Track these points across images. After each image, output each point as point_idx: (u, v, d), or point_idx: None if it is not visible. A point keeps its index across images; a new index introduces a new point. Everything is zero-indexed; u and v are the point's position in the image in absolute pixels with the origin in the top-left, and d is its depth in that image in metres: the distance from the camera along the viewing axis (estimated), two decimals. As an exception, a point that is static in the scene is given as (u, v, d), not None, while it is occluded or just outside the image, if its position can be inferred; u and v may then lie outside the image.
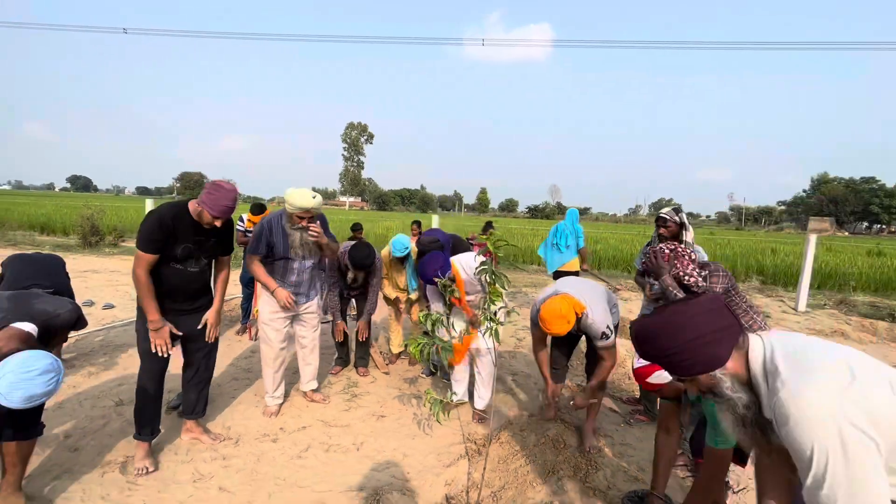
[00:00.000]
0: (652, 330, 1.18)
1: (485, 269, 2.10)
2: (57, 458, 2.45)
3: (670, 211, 2.99)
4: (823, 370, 0.96)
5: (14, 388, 1.59)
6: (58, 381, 1.71)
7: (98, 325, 4.92)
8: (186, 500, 2.18)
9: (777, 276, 10.73)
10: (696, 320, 1.11)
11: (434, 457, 2.67)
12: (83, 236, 11.14)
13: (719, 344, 1.10)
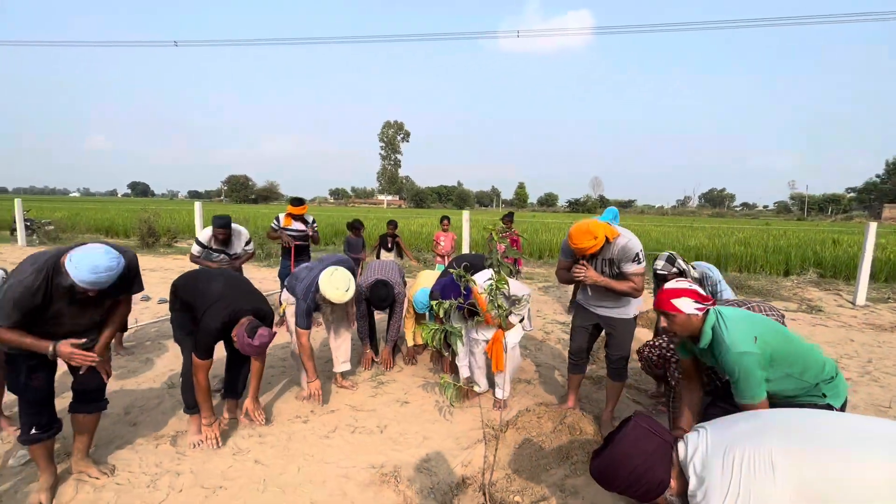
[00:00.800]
0: (601, 472, 1.39)
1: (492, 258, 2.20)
2: (118, 431, 2.79)
3: (665, 265, 3.07)
4: (714, 482, 1.20)
5: (83, 259, 1.87)
6: (119, 261, 1.97)
7: (153, 317, 5.43)
8: (227, 470, 2.44)
9: (838, 268, 10.05)
10: (629, 454, 1.33)
11: (453, 440, 2.82)
12: (141, 238, 12.14)
13: (655, 467, 1.30)
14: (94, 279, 1.89)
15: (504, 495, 2.29)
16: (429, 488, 2.33)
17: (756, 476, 1.15)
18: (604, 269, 2.68)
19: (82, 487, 2.25)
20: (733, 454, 1.21)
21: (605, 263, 2.67)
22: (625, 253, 2.60)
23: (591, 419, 2.96)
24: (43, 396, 2.10)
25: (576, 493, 2.30)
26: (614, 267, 2.64)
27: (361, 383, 3.66)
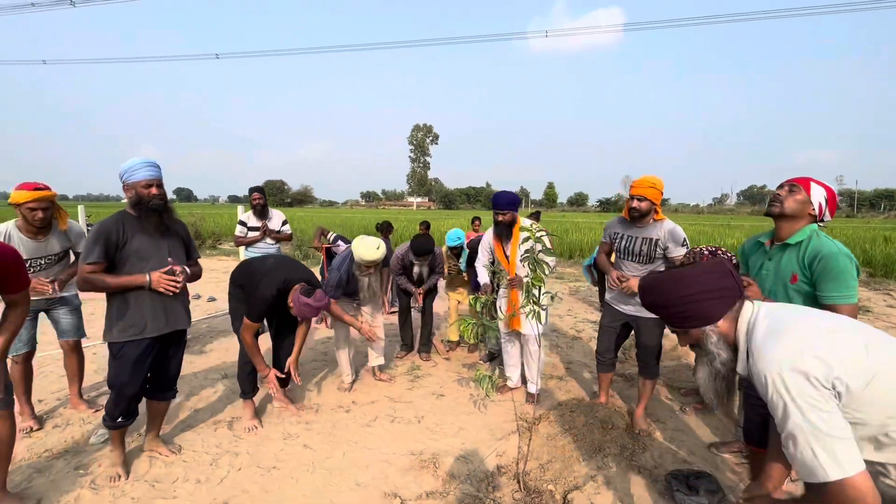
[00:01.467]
0: (658, 282, 1.28)
1: (528, 256, 2.30)
2: (180, 416, 3.05)
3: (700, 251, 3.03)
4: (792, 332, 1.06)
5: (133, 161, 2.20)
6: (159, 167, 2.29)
7: (204, 314, 5.79)
8: (279, 453, 2.63)
9: (889, 267, 9.51)
10: (699, 279, 1.21)
11: (487, 431, 2.92)
12: (188, 240, 12.87)
13: (715, 303, 1.19)
14: (153, 169, 2.23)
15: (538, 483, 2.38)
16: (465, 474, 2.44)
17: (838, 343, 1.02)
18: (642, 248, 2.69)
19: (155, 463, 2.49)
20: (812, 324, 1.08)
21: (646, 242, 2.68)
22: (673, 236, 2.64)
23: (623, 414, 3.01)
24: (137, 391, 2.32)
25: (608, 483, 2.36)
26: (657, 248, 2.66)
27: (398, 377, 3.82)
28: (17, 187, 2.54)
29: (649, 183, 2.63)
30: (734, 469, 2.52)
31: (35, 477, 2.35)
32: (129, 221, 2.21)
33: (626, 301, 2.83)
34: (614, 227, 2.88)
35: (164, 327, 2.29)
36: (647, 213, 2.66)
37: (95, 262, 2.11)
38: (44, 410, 3.04)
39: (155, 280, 2.20)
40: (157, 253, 2.26)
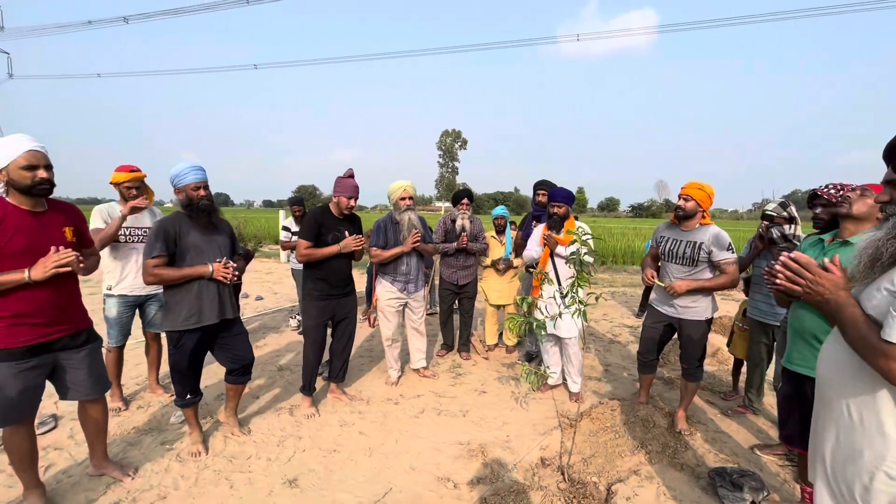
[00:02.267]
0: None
1: (574, 257, 2.43)
2: (245, 403, 3.32)
3: (777, 207, 3.00)
4: None
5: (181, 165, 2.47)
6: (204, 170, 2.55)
7: (254, 312, 6.16)
8: (337, 438, 2.85)
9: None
10: None
11: (530, 426, 3.05)
12: (232, 243, 13.50)
13: None
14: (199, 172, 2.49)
15: (581, 476, 2.49)
16: (512, 463, 2.59)
17: None
18: (686, 251, 2.77)
19: (229, 442, 2.76)
20: None
21: (690, 246, 2.76)
22: (718, 240, 2.70)
23: (665, 413, 3.07)
24: (195, 371, 2.59)
25: (651, 478, 2.45)
26: (700, 251, 2.72)
27: (441, 373, 4.00)
28: (116, 169, 2.98)
29: (697, 185, 2.74)
30: (778, 471, 2.56)
31: (129, 449, 2.66)
32: (182, 220, 2.48)
33: (670, 303, 2.90)
34: (661, 231, 2.99)
35: (216, 316, 2.53)
36: (693, 213, 2.75)
37: (159, 255, 2.37)
38: (126, 394, 3.37)
39: (216, 270, 2.47)
40: (210, 247, 2.52)
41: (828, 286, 1.27)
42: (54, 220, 2.03)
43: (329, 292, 3.13)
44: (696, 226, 2.79)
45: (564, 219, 3.32)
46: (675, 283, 2.76)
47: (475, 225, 4.30)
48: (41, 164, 1.93)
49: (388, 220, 3.57)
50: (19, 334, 1.89)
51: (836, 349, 1.33)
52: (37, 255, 1.89)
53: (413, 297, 3.69)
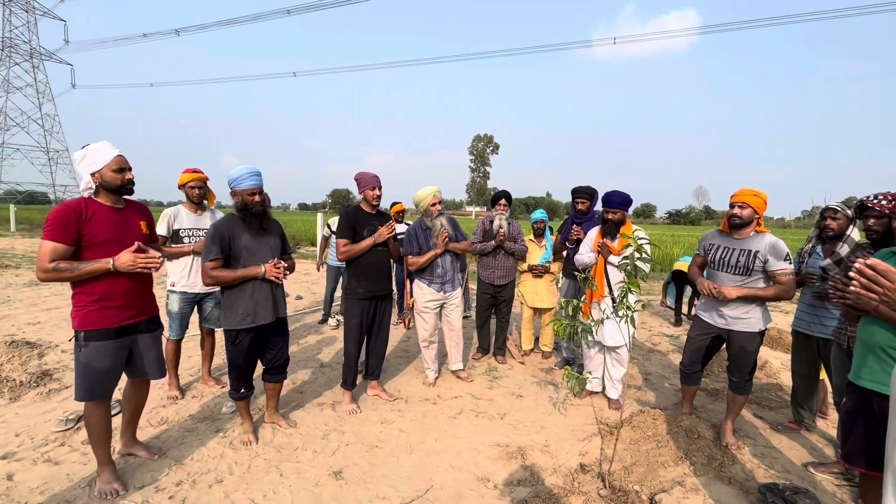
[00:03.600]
0: None
1: (627, 261, 2.42)
2: (290, 398, 3.46)
3: (841, 204, 2.87)
4: None
5: (238, 170, 2.58)
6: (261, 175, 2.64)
7: (293, 311, 6.38)
8: (378, 434, 2.93)
9: None
10: None
11: (569, 432, 3.04)
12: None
13: None
14: (256, 178, 2.59)
15: (623, 484, 2.46)
16: (552, 468, 2.59)
17: None
18: (740, 259, 2.68)
19: (277, 433, 2.89)
20: None
21: (744, 254, 2.67)
22: (776, 250, 2.60)
23: (710, 425, 2.99)
24: (250, 366, 2.74)
25: (696, 490, 2.40)
26: (756, 260, 2.63)
27: (478, 376, 4.03)
28: (183, 172, 3.22)
29: (751, 192, 2.66)
30: (835, 490, 2.45)
31: (186, 435, 2.83)
32: (236, 223, 2.61)
33: (720, 312, 2.81)
34: (710, 239, 2.90)
35: (271, 315, 2.66)
36: (749, 221, 2.67)
37: (215, 258, 2.50)
38: (182, 384, 3.58)
39: (268, 270, 2.59)
40: (262, 248, 2.65)
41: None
42: (132, 216, 2.27)
43: (372, 288, 3.22)
44: (751, 233, 2.70)
45: (620, 225, 3.28)
46: (725, 288, 2.68)
47: (513, 227, 4.33)
48: (127, 166, 2.18)
49: (418, 227, 3.64)
50: (109, 317, 2.13)
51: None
52: (120, 244, 2.12)
53: (449, 298, 3.76)
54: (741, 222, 2.68)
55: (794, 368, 3.04)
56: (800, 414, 3.07)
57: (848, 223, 2.74)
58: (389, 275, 3.37)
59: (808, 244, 2.96)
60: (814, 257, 2.87)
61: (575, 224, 3.98)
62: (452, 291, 3.74)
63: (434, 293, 3.67)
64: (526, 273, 4.53)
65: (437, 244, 3.54)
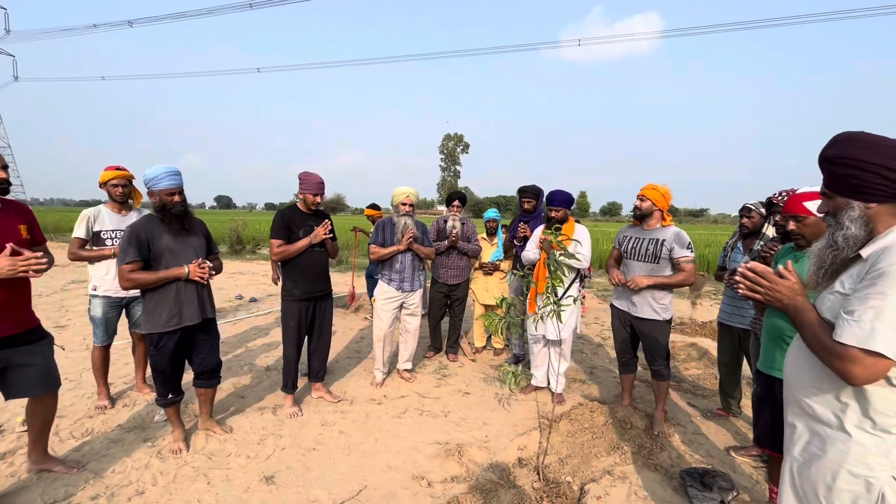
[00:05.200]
0: (849, 138, 1.23)
1: (548, 260, 2.48)
2: (230, 402, 3.37)
3: (757, 203, 3.06)
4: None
5: (159, 169, 2.47)
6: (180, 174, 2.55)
7: (247, 313, 6.22)
8: (318, 436, 2.89)
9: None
10: (892, 153, 1.16)
11: (510, 427, 3.09)
12: (231, 245, 13.59)
13: (884, 185, 1.17)
14: (175, 178, 2.49)
15: (556, 476, 2.52)
16: (488, 464, 2.63)
17: None
18: (649, 247, 2.90)
19: (210, 440, 2.81)
20: None
21: (653, 243, 2.89)
22: (679, 239, 2.83)
23: (642, 415, 3.10)
24: (176, 371, 2.64)
25: (624, 478, 2.48)
26: (662, 248, 2.85)
27: (427, 375, 4.04)
28: (104, 169, 3.05)
29: (652, 187, 2.90)
30: (752, 472, 2.59)
31: (111, 446, 2.71)
32: (154, 224, 2.51)
33: (630, 300, 3.01)
34: (624, 232, 3.12)
35: (197, 316, 2.57)
36: (648, 213, 2.89)
37: (132, 260, 2.39)
38: (113, 393, 3.43)
39: (192, 271, 2.51)
40: (185, 249, 2.56)
41: (784, 292, 1.31)
42: (10, 219, 2.12)
43: (308, 290, 3.17)
44: (658, 225, 2.92)
45: (563, 222, 3.38)
46: (636, 278, 2.90)
47: (467, 227, 4.37)
48: (2, 164, 2.03)
49: (387, 221, 3.74)
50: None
51: (798, 350, 1.38)
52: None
53: (408, 298, 3.76)
54: (640, 213, 2.92)
55: (720, 358, 3.20)
56: (727, 401, 3.24)
57: (762, 221, 2.92)
58: (327, 275, 3.33)
59: (731, 239, 3.14)
60: (735, 251, 3.04)
61: (522, 222, 4.05)
62: (411, 292, 3.74)
63: (393, 291, 3.67)
64: (477, 271, 4.59)
65: (400, 241, 3.60)
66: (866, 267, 1.17)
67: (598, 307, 7.24)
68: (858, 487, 1.17)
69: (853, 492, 1.18)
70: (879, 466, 1.15)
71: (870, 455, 1.16)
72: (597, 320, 6.31)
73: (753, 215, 2.97)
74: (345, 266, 10.98)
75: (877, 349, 1.07)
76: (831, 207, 1.29)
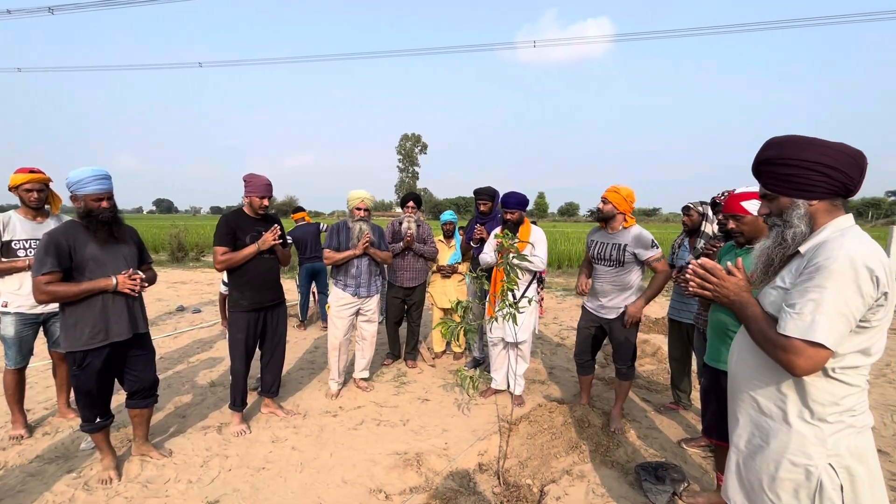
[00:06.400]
0: (787, 140, 1.31)
1: (501, 263, 2.51)
2: (170, 423, 3.18)
3: (697, 203, 3.24)
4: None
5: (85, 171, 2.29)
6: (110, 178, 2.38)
7: (189, 325, 5.89)
8: (268, 455, 2.78)
9: None
10: (828, 151, 1.24)
11: (470, 432, 3.10)
12: (172, 252, 12.86)
13: (825, 181, 1.24)
14: (104, 182, 2.32)
15: (517, 479, 2.56)
16: (448, 472, 2.62)
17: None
18: (612, 252, 2.97)
19: (146, 466, 2.62)
20: None
21: (615, 248, 2.96)
22: (640, 240, 2.90)
23: (600, 413, 3.21)
24: (104, 392, 2.45)
25: (582, 476, 2.55)
26: (625, 253, 2.92)
27: (385, 383, 3.99)
28: (15, 171, 2.77)
29: (613, 189, 2.95)
30: (701, 462, 2.73)
31: (29, 480, 2.47)
32: (77, 231, 2.32)
33: (600, 303, 3.06)
34: (591, 236, 3.18)
35: (127, 331, 2.40)
36: (610, 216, 2.95)
37: (50, 271, 2.19)
38: (32, 420, 3.14)
39: (121, 282, 2.33)
40: (113, 259, 2.38)
41: (732, 289, 1.39)
42: None
43: (257, 300, 3.05)
44: (620, 228, 2.97)
45: (518, 224, 3.43)
46: (630, 312, 2.91)
47: (423, 229, 4.36)
48: None
49: (342, 225, 3.68)
50: None
51: (743, 345, 1.46)
52: None
53: (365, 304, 3.70)
54: (601, 216, 2.98)
55: (671, 353, 3.37)
56: (678, 395, 3.41)
57: (700, 219, 3.12)
58: (278, 283, 3.21)
59: (678, 237, 3.32)
60: (682, 249, 3.22)
61: (479, 224, 4.09)
62: (368, 297, 3.68)
63: (348, 297, 3.60)
64: (435, 274, 4.59)
65: (356, 245, 3.54)
66: (804, 262, 1.25)
67: (557, 307, 7.44)
68: (799, 476, 1.25)
69: (794, 480, 1.26)
70: (817, 455, 1.23)
71: (808, 444, 1.24)
72: (555, 320, 6.47)
73: (692, 213, 3.16)
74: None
75: (817, 339, 1.15)
76: (774, 208, 1.36)
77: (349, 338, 3.72)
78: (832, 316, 1.15)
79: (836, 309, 1.15)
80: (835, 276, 1.16)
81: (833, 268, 1.16)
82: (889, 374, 4.28)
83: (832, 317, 1.15)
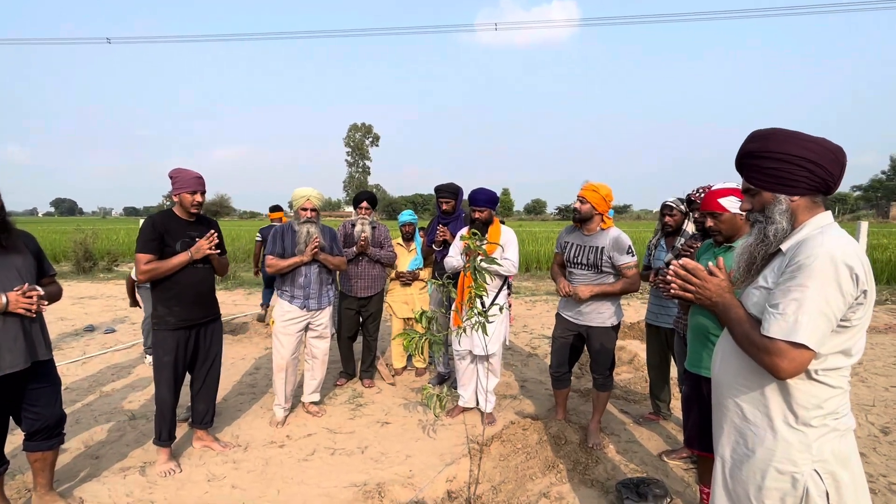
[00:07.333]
0: (770, 133, 1.39)
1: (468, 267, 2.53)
2: (81, 465, 2.97)
3: (676, 200, 3.38)
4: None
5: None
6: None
7: (101, 348, 5.54)
8: (203, 496, 2.65)
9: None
10: (811, 147, 1.33)
11: (437, 457, 3.09)
12: (77, 262, 12.04)
13: (807, 177, 1.33)
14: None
15: (490, 506, 2.57)
16: (414, 502, 2.60)
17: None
18: (589, 256, 3.04)
19: (51, 519, 2.43)
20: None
21: (593, 251, 3.03)
22: (617, 244, 2.97)
23: (577, 428, 3.29)
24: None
25: (561, 498, 2.61)
26: (602, 256, 2.99)
27: (339, 406, 3.91)
28: None
29: (592, 187, 3.00)
30: (683, 475, 2.86)
31: None
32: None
33: (577, 310, 3.13)
34: (565, 237, 3.23)
35: (23, 360, 2.22)
36: (588, 216, 3.02)
37: None
38: None
39: (13, 301, 2.14)
40: (2, 272, 2.21)
41: (714, 290, 1.46)
42: None
43: (187, 316, 2.91)
44: (598, 230, 3.05)
45: (488, 224, 3.45)
46: (578, 289, 3.00)
47: (379, 231, 4.31)
48: None
49: (287, 228, 3.58)
50: None
51: (726, 349, 1.52)
52: None
53: (315, 319, 3.61)
54: (580, 216, 3.05)
55: (649, 360, 3.51)
56: (657, 405, 3.56)
57: (683, 218, 3.26)
58: (213, 297, 3.08)
59: (654, 238, 3.46)
60: (659, 250, 3.36)
61: (441, 225, 4.09)
62: (318, 311, 3.59)
63: (296, 310, 3.49)
64: (394, 281, 4.55)
65: (304, 251, 3.45)
66: (786, 260, 1.33)
67: (527, 314, 7.58)
68: (785, 484, 1.33)
69: (781, 489, 1.33)
70: (803, 461, 1.31)
71: (794, 451, 1.32)
72: (525, 328, 6.59)
73: (675, 213, 3.29)
74: (234, 282, 10.28)
75: (799, 340, 1.22)
76: (756, 203, 1.44)
77: (297, 357, 3.61)
78: (814, 315, 1.23)
79: (817, 308, 1.23)
80: (816, 275, 1.24)
81: (814, 266, 1.24)
82: (862, 372, 4.65)
83: (814, 316, 1.23)
